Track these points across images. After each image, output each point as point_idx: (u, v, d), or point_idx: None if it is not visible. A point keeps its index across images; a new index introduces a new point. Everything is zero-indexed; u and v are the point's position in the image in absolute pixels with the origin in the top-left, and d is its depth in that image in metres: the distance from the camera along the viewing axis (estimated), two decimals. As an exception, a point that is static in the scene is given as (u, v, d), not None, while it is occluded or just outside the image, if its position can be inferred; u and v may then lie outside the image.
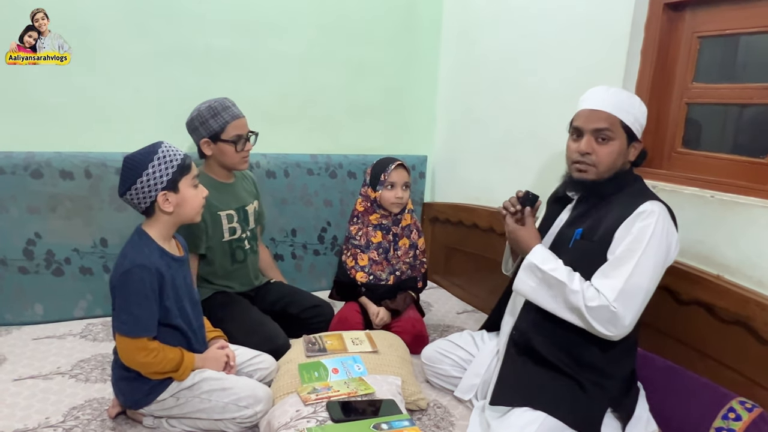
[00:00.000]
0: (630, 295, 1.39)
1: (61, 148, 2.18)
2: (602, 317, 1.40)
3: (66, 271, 2.22)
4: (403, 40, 2.79)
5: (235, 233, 2.06)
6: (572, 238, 1.55)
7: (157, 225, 1.50)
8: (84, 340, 2.08)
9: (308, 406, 1.46)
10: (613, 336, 1.41)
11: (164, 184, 1.44)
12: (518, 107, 2.40)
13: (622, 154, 1.53)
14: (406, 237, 2.25)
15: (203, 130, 1.96)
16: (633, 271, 1.39)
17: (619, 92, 1.53)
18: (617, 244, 1.44)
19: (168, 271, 1.47)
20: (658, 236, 1.41)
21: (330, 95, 2.69)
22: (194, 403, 1.51)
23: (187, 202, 1.50)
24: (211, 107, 1.95)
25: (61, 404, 1.65)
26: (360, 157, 2.77)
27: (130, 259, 1.42)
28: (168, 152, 1.46)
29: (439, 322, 2.42)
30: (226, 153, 1.99)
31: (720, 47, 1.80)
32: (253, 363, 1.72)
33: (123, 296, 1.42)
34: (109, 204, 2.23)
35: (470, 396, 1.74)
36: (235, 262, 2.09)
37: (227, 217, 2.03)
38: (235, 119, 1.98)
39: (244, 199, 2.11)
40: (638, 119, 1.52)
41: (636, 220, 1.43)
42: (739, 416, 1.41)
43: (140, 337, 1.42)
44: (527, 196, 1.66)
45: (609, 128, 1.49)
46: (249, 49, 2.46)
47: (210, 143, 1.97)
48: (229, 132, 1.96)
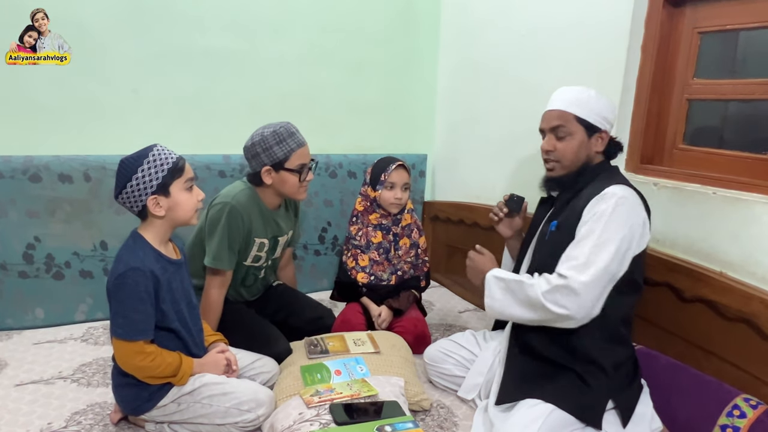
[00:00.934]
0: (588, 270, 1.39)
1: (60, 152, 2.17)
2: (557, 297, 1.41)
3: (66, 275, 2.21)
4: (402, 39, 2.78)
5: (258, 261, 1.97)
6: (548, 232, 1.60)
7: (152, 228, 1.49)
8: (85, 343, 2.08)
9: (311, 409, 1.45)
10: (573, 314, 1.40)
11: (154, 188, 1.42)
12: (518, 105, 2.39)
13: (584, 147, 1.58)
14: (406, 236, 2.24)
15: (266, 158, 1.81)
16: (592, 248, 1.41)
17: (572, 89, 1.60)
18: (580, 226, 1.48)
19: (164, 275, 1.46)
20: (619, 215, 1.43)
21: (329, 95, 2.68)
22: (196, 409, 1.50)
23: (179, 206, 1.48)
24: (276, 133, 1.80)
25: (64, 409, 1.64)
26: (360, 156, 2.77)
27: (124, 263, 1.42)
28: (160, 156, 1.44)
29: (441, 322, 2.42)
30: (287, 182, 1.85)
31: (720, 43, 1.79)
32: (255, 367, 1.71)
33: (118, 300, 1.41)
34: (108, 207, 2.22)
35: (473, 395, 1.73)
36: (243, 285, 2.02)
37: (259, 245, 1.92)
38: (301, 147, 1.84)
39: (279, 230, 1.98)
40: (594, 111, 1.56)
41: (598, 202, 1.46)
42: (744, 413, 1.40)
43: (136, 340, 1.41)
44: (512, 199, 1.77)
45: (563, 124, 1.57)
46: (248, 49, 2.45)
47: (272, 171, 1.83)
48: (293, 161, 1.83)
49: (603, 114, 1.57)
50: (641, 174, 1.87)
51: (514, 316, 1.54)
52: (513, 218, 1.86)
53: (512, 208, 1.79)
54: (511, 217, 1.85)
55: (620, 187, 1.48)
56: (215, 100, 2.43)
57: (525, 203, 1.80)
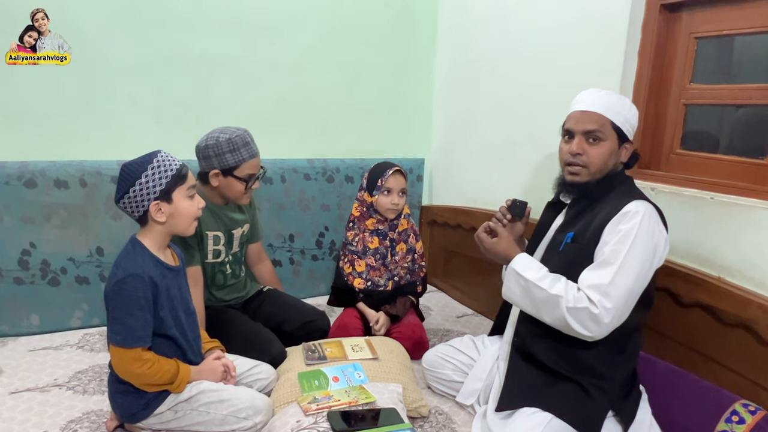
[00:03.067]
0: (613, 295, 1.38)
1: (55, 157, 2.16)
2: (582, 318, 1.39)
3: (62, 281, 2.20)
4: (399, 42, 2.78)
5: (218, 256, 1.98)
6: (563, 242, 1.56)
7: (151, 234, 1.48)
8: (81, 350, 2.06)
9: (309, 417, 1.44)
10: (593, 336, 1.40)
11: (157, 194, 1.43)
12: (515, 109, 2.39)
13: (614, 155, 1.54)
14: (403, 242, 2.24)
15: (216, 162, 1.83)
16: (618, 271, 1.39)
17: (609, 94, 1.55)
18: (603, 244, 1.45)
19: (162, 281, 1.46)
20: (644, 236, 1.41)
21: (326, 99, 2.67)
22: (192, 416, 1.49)
23: (180, 213, 1.48)
24: (231, 141, 1.82)
25: (59, 417, 1.63)
26: (357, 161, 2.76)
27: (123, 269, 1.41)
28: (164, 162, 1.44)
29: (439, 327, 2.41)
30: (233, 188, 1.88)
31: (717, 48, 1.79)
32: (253, 373, 1.70)
33: (116, 306, 1.40)
34: (104, 212, 2.21)
35: (472, 401, 1.73)
36: (215, 285, 2.02)
37: (213, 238, 1.94)
38: (253, 158, 1.87)
39: (232, 224, 2.00)
40: (629, 120, 1.54)
41: (621, 220, 1.43)
42: (742, 419, 1.40)
43: (134, 347, 1.40)
44: (515, 204, 1.72)
45: (600, 129, 1.51)
46: (245, 53, 2.44)
47: (220, 176, 1.86)
48: (243, 170, 1.85)
49: (633, 124, 1.55)
50: (639, 179, 1.86)
51: (529, 311, 1.52)
52: (515, 224, 1.79)
53: (515, 213, 1.74)
54: (513, 222, 1.79)
55: (642, 204, 1.45)
56: (212, 104, 2.42)
57: (528, 208, 1.75)
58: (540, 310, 1.47)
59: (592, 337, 1.41)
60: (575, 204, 1.61)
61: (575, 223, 1.56)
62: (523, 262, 1.53)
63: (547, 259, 1.60)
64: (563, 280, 1.46)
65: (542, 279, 1.47)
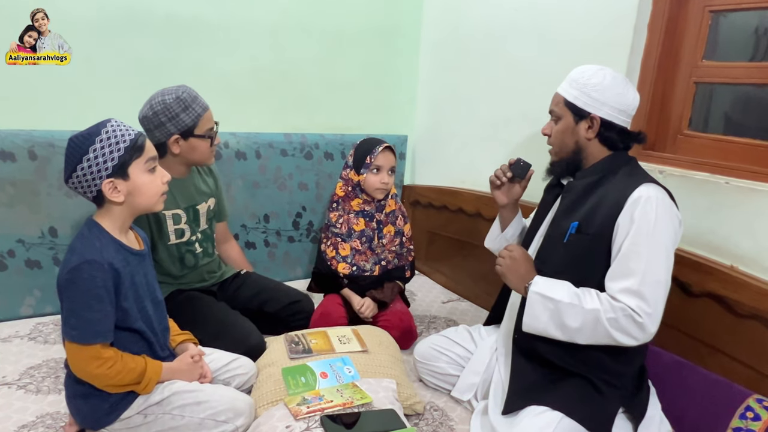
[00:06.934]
0: (649, 296, 1.29)
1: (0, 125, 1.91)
2: (626, 327, 1.30)
3: (9, 265, 1.96)
4: (383, 9, 2.59)
5: (183, 236, 1.82)
6: (567, 232, 1.44)
7: (110, 215, 1.30)
8: (33, 342, 1.85)
9: (300, 421, 1.30)
10: (640, 342, 1.32)
11: (109, 170, 1.23)
12: (509, 85, 2.26)
13: (570, 133, 1.47)
14: (390, 224, 2.10)
15: (172, 126, 1.69)
16: (646, 267, 1.29)
17: (581, 70, 1.46)
18: (620, 238, 1.34)
19: (125, 268, 1.28)
20: (663, 222, 1.32)
21: (305, 69, 2.47)
22: (165, 420, 1.33)
23: (140, 191, 1.29)
24: (180, 99, 1.68)
25: (9, 422, 1.43)
26: (337, 136, 2.59)
27: (78, 254, 1.23)
28: (115, 132, 1.25)
29: (425, 313, 2.29)
30: (197, 149, 1.75)
31: (733, 23, 1.69)
32: (230, 368, 1.54)
33: (71, 297, 1.22)
34: (58, 189, 1.98)
35: (470, 396, 1.62)
36: (185, 267, 1.86)
37: (173, 217, 1.79)
38: (206, 111, 1.74)
39: (195, 197, 1.86)
40: (587, 93, 1.42)
41: (635, 209, 1.32)
42: (758, 416, 1.34)
43: (92, 343, 1.23)
44: (518, 164, 1.64)
45: (554, 108, 1.50)
46: (216, 17, 2.21)
47: (180, 140, 1.72)
48: (201, 126, 1.73)
49: (594, 96, 1.41)
50: (644, 161, 1.76)
51: (556, 336, 1.37)
52: (514, 185, 1.68)
53: (516, 173, 1.63)
54: (512, 182, 1.68)
55: (653, 188, 1.34)
56: (180, 71, 2.18)
57: (531, 171, 1.64)
58: (574, 334, 1.35)
59: (638, 344, 1.32)
60: (571, 187, 1.50)
61: (578, 209, 1.44)
62: (546, 283, 1.39)
63: (550, 251, 1.48)
64: (590, 291, 1.35)
65: (572, 297, 1.34)
